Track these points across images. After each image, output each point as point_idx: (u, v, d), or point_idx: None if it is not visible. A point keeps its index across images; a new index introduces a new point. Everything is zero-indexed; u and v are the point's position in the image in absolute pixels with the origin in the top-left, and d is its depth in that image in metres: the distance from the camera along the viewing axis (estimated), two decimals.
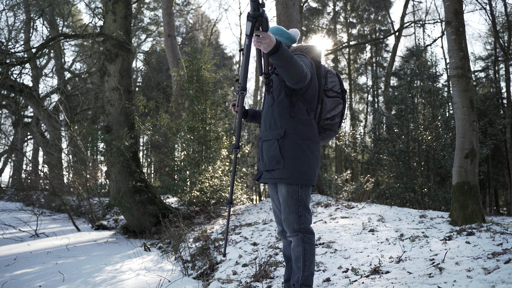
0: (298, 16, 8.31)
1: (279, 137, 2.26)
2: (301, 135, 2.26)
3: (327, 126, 2.42)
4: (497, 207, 19.12)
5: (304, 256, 2.20)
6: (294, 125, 2.26)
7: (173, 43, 13.21)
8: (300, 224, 2.22)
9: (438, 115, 10.71)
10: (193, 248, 5.08)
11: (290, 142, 2.24)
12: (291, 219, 2.23)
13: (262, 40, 1.88)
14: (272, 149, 2.27)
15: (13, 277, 4.29)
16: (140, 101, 7.88)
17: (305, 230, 2.23)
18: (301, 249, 2.21)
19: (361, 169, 20.52)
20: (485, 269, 2.44)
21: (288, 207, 2.24)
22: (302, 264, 2.20)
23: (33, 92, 9.00)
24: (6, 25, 11.55)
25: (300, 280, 2.21)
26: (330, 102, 2.39)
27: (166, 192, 9.17)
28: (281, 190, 2.28)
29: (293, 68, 2.01)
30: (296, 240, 2.23)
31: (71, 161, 12.08)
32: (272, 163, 2.26)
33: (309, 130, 2.29)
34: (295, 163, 2.22)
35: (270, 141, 2.31)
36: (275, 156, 2.25)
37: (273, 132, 2.30)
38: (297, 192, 2.24)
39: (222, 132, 8.44)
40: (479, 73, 20.90)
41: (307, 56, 2.35)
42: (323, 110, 2.37)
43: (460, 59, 4.48)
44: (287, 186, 2.24)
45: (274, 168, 2.26)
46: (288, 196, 2.24)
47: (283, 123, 2.27)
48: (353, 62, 24.68)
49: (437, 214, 4.99)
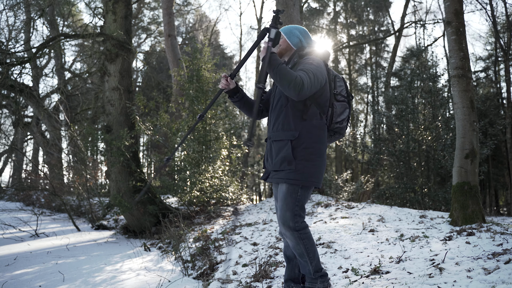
0: (298, 16, 8.31)
1: (293, 139, 2.29)
2: (313, 138, 2.31)
3: (336, 129, 2.49)
4: (497, 207, 19.12)
5: (307, 251, 2.29)
6: (308, 128, 2.30)
7: (173, 43, 13.21)
8: (295, 223, 2.27)
9: (439, 115, 10.71)
10: (193, 248, 5.08)
11: (303, 144, 2.28)
12: (286, 216, 2.28)
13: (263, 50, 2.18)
14: (284, 149, 2.30)
15: (13, 277, 4.29)
16: (140, 101, 7.88)
17: (299, 228, 2.29)
18: (302, 246, 2.28)
19: (361, 169, 20.53)
20: (485, 269, 2.44)
21: (286, 204, 2.28)
22: (307, 258, 2.30)
23: (33, 92, 9.00)
24: (6, 25, 11.55)
25: (311, 270, 2.32)
26: (339, 106, 2.46)
27: (166, 192, 9.17)
28: (282, 187, 2.31)
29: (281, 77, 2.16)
30: (294, 239, 2.28)
31: (71, 161, 12.09)
32: (284, 164, 2.29)
33: (321, 133, 2.35)
34: (306, 165, 2.27)
35: (282, 141, 2.32)
36: (286, 156, 2.28)
37: (287, 133, 2.31)
38: (296, 191, 2.28)
39: (222, 132, 8.44)
40: (480, 74, 20.90)
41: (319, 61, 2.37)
42: (333, 114, 2.43)
43: (461, 59, 4.48)
44: (289, 185, 2.28)
45: (285, 168, 2.28)
46: (288, 194, 2.28)
47: (297, 125, 2.30)
48: (353, 63, 24.69)
49: (437, 214, 4.99)
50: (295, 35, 2.51)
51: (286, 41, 2.50)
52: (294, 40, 2.50)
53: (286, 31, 2.51)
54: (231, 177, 8.35)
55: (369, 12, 23.51)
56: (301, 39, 2.50)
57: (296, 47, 2.49)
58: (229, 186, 8.07)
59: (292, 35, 2.50)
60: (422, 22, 20.81)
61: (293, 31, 2.51)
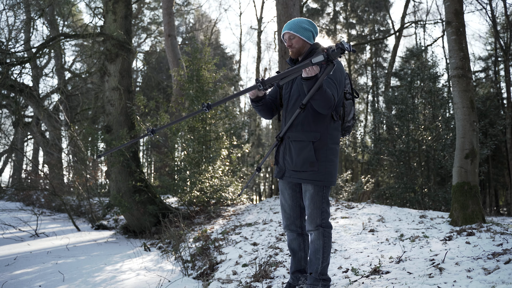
0: (298, 16, 8.32)
1: (315, 140, 2.32)
2: (332, 139, 2.38)
3: (347, 128, 2.55)
4: (497, 207, 19.11)
5: (324, 248, 2.36)
6: (328, 129, 2.36)
7: (173, 43, 13.21)
8: (322, 219, 2.37)
9: (439, 115, 10.71)
10: (193, 248, 5.08)
11: (324, 145, 2.34)
12: (315, 214, 2.36)
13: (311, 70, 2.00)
14: (306, 151, 2.33)
15: (13, 277, 4.29)
16: (140, 101, 7.88)
17: (325, 225, 2.38)
18: (321, 242, 2.36)
19: (361, 170, 20.50)
20: (485, 269, 2.44)
21: (313, 203, 2.36)
22: (321, 256, 2.36)
23: (33, 92, 8.99)
24: (6, 25, 11.54)
25: (319, 269, 2.38)
26: (348, 105, 2.49)
27: (166, 192, 9.16)
28: (308, 188, 2.38)
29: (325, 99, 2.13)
30: (317, 234, 2.37)
31: (71, 161, 12.09)
32: (306, 165, 2.33)
33: (338, 134, 2.43)
34: (328, 166, 2.35)
35: (302, 142, 2.35)
36: (309, 158, 2.32)
37: (308, 134, 2.34)
38: (322, 190, 2.37)
39: (222, 132, 8.43)
40: (480, 74, 20.89)
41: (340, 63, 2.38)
42: (345, 113, 2.48)
43: (461, 59, 4.48)
44: (315, 185, 2.35)
45: (307, 169, 2.33)
46: (315, 194, 2.36)
47: (318, 126, 2.34)
48: (353, 63, 24.67)
49: (437, 214, 4.99)
50: (306, 29, 2.38)
51: (301, 39, 2.38)
52: (307, 34, 2.38)
53: (296, 27, 2.36)
54: (231, 177, 8.35)
55: (369, 12, 23.49)
56: (312, 30, 2.41)
57: (310, 41, 2.40)
58: (229, 186, 8.07)
59: (303, 30, 2.37)
60: (422, 22, 20.80)
61: (302, 25, 2.37)
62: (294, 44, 2.38)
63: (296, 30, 2.36)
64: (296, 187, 2.52)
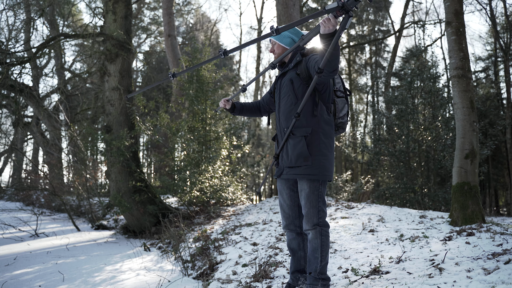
0: (298, 16, 8.32)
1: (307, 135, 2.36)
2: (325, 133, 2.40)
3: (340, 124, 2.59)
4: (497, 207, 19.11)
5: (322, 247, 2.38)
6: (320, 124, 2.39)
7: (173, 43, 13.21)
8: (319, 218, 2.38)
9: (438, 115, 10.71)
10: (193, 248, 5.08)
11: (317, 139, 2.37)
12: (311, 213, 2.37)
13: (328, 22, 1.97)
14: (299, 146, 2.36)
15: (13, 277, 4.29)
16: (140, 101, 7.88)
17: (322, 224, 2.39)
18: (319, 241, 2.37)
19: (361, 170, 20.50)
20: (485, 269, 2.44)
21: (309, 202, 2.37)
22: (319, 255, 2.38)
23: (33, 92, 9.00)
24: (6, 25, 11.54)
25: (318, 269, 2.39)
26: (340, 102, 2.55)
27: (166, 192, 9.16)
28: (303, 186, 2.39)
29: (336, 57, 2.10)
30: (314, 233, 2.38)
31: (71, 161, 12.08)
32: (300, 160, 2.36)
33: (330, 128, 2.45)
34: (322, 160, 2.36)
35: (296, 138, 2.39)
36: (302, 153, 2.35)
37: (300, 130, 2.38)
38: (318, 187, 2.38)
39: (222, 132, 8.43)
40: (480, 74, 20.88)
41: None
42: (336, 110, 2.53)
43: (461, 59, 4.48)
44: (310, 182, 2.36)
45: (301, 164, 2.36)
46: (310, 192, 2.37)
47: (309, 121, 2.38)
48: (353, 62, 24.67)
49: (437, 215, 4.99)
50: (285, 36, 2.56)
51: (280, 46, 2.57)
52: (287, 41, 2.56)
53: (276, 36, 2.54)
54: (231, 178, 8.35)
55: (369, 12, 23.49)
56: (292, 37, 2.56)
57: (289, 46, 2.55)
58: (229, 186, 8.07)
59: (282, 37, 2.57)
60: (422, 22, 20.80)
61: (282, 33, 2.56)
62: (276, 50, 2.59)
63: (276, 37, 2.56)
64: (294, 187, 2.56)
